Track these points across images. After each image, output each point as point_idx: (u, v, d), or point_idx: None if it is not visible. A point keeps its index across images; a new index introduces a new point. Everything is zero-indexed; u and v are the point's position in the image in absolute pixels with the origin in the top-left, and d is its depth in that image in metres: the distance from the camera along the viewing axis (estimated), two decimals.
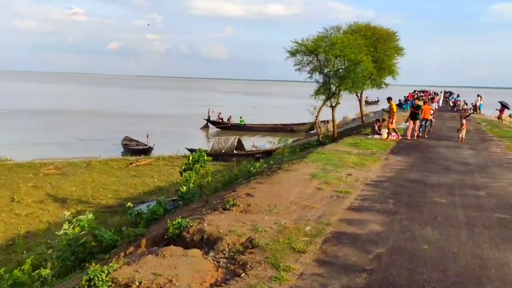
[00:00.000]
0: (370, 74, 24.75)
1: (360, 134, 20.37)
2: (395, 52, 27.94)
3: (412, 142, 17.66)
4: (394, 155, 13.91)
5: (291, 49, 22.33)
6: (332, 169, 10.94)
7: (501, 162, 13.05)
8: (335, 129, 25.38)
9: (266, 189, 8.76)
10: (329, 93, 22.98)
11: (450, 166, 12.08)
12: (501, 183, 10.02)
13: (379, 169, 11.45)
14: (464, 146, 16.67)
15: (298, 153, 18.01)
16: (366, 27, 25.77)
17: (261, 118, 49.07)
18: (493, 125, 27.73)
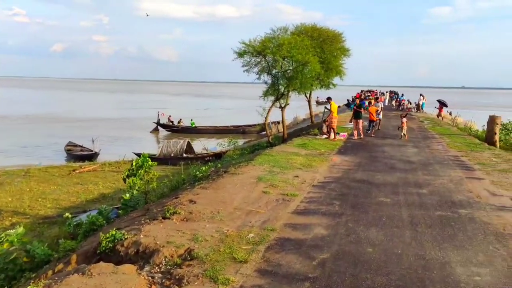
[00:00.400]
0: (318, 74, 24.99)
1: (309, 134, 20.45)
2: (341, 53, 28.41)
3: (359, 141, 17.89)
4: (341, 155, 13.96)
5: (238, 50, 22.15)
6: (279, 171, 10.77)
7: (442, 159, 13.40)
8: (285, 130, 25.43)
9: (210, 194, 8.42)
10: (278, 94, 22.98)
11: (395, 165, 12.24)
12: (442, 180, 10.21)
13: (327, 169, 11.40)
14: (408, 144, 17.07)
15: (247, 155, 17.79)
16: (313, 29, 26.02)
17: (212, 120, 48.61)
18: (435, 123, 28.80)
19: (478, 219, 7.14)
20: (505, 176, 10.82)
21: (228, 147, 27.00)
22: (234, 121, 45.47)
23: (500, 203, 8.18)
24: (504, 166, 12.39)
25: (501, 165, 12.49)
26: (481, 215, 7.37)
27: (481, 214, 7.42)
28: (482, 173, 11.20)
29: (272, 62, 22.17)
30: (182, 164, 22.66)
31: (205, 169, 12.25)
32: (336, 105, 18.43)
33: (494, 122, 19.47)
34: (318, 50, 24.78)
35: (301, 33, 24.78)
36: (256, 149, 22.09)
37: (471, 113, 43.49)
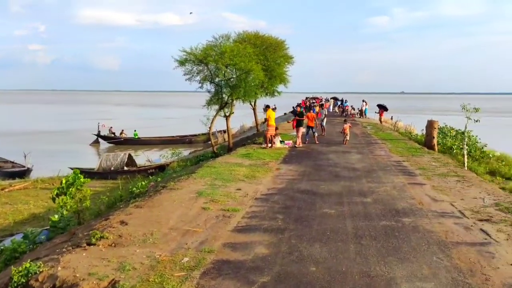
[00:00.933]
0: (262, 82, 24.83)
1: (254, 143, 20.12)
2: (285, 61, 28.50)
3: (304, 149, 17.77)
4: (286, 164, 13.70)
5: (180, 58, 21.52)
6: (221, 184, 10.28)
7: (385, 165, 13.46)
8: (230, 139, 25.00)
9: (144, 214, 7.78)
10: (222, 103, 22.52)
11: (340, 173, 12.11)
12: (385, 187, 10.14)
13: (270, 180, 11.05)
14: (352, 150, 17.15)
15: (190, 167, 17.15)
16: (256, 36, 25.88)
17: (157, 130, 47.34)
18: (377, 128, 29.46)
19: (421, 227, 7.01)
20: (445, 181, 10.96)
21: (172, 159, 26.14)
22: (180, 131, 44.46)
23: (441, 209, 8.14)
24: (442, 170, 12.61)
25: (440, 169, 12.71)
26: (424, 223, 7.25)
27: (424, 222, 7.31)
28: (423, 178, 11.28)
29: (215, 70, 21.69)
30: (124, 178, 21.66)
31: (142, 185, 11.54)
32: (273, 113, 18.21)
33: (432, 126, 20.07)
34: (261, 57, 24.65)
35: (243, 41, 24.56)
36: (200, 160, 21.48)
37: (411, 118, 45.20)
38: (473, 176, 11.79)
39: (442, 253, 5.91)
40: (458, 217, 7.60)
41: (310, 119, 20.38)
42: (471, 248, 6.06)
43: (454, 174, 11.81)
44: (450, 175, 11.74)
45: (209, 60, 20.73)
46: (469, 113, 15.29)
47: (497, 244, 6.18)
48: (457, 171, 12.35)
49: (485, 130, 28.67)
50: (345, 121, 21.14)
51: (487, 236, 6.51)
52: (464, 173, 12.08)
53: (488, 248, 6.05)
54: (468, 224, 7.15)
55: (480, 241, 6.33)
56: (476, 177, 11.55)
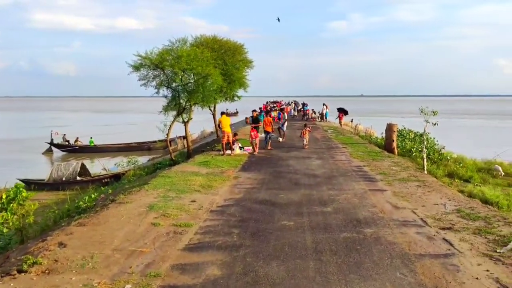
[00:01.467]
0: (221, 87, 24.32)
1: (213, 150, 19.54)
2: (244, 65, 28.08)
3: (264, 155, 17.36)
4: (245, 172, 13.22)
5: (134, 63, 20.68)
6: (175, 196, 9.66)
7: (345, 171, 13.22)
8: (189, 146, 24.33)
9: (87, 233, 7.08)
10: (180, 108, 21.84)
11: (300, 180, 11.74)
12: (346, 195, 9.84)
13: (228, 190, 10.52)
14: (313, 156, 16.88)
15: (144, 176, 16.36)
16: (214, 40, 25.33)
17: (114, 137, 45.81)
18: (338, 132, 29.52)
19: (384, 238, 6.68)
20: (405, 186, 10.79)
21: (128, 167, 25.11)
22: (138, 137, 43.17)
23: (403, 217, 7.88)
24: (403, 174, 12.48)
25: (401, 174, 12.58)
26: (386, 233, 6.93)
27: (386, 232, 6.99)
28: (384, 184, 11.08)
29: (171, 75, 20.99)
30: (76, 188, 20.57)
31: (89, 198, 10.74)
32: (227, 119, 17.68)
33: (392, 129, 20.16)
34: (220, 62, 24.13)
35: (201, 45, 23.96)
36: (158, 168, 20.67)
37: (370, 120, 45.89)
38: (433, 180, 11.70)
39: (406, 267, 5.57)
40: (420, 225, 7.34)
41: (267, 124, 20.02)
42: (435, 260, 5.75)
43: (414, 179, 11.69)
44: (410, 180, 11.60)
45: (165, 65, 20.01)
46: (428, 116, 15.34)
47: (461, 255, 5.91)
48: (418, 176, 12.24)
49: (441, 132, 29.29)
50: (305, 126, 21.02)
51: (450, 246, 6.24)
52: (424, 178, 11.99)
53: (452, 260, 5.76)
54: (430, 233, 6.88)
55: (443, 252, 6.04)
56: (436, 182, 11.46)
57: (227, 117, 17.68)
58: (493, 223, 7.26)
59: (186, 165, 14.42)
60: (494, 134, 49.04)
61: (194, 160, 15.59)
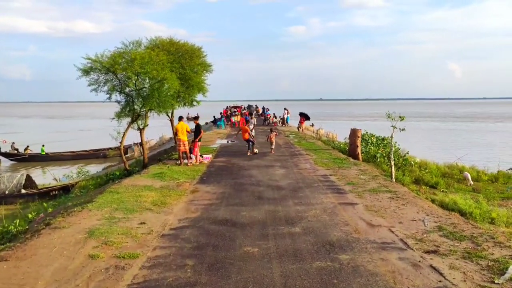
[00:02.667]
0: (178, 92, 23.07)
1: (171, 159, 18.25)
2: (203, 69, 26.91)
3: (224, 164, 16.28)
4: (203, 185, 12.07)
5: (84, 66, 19.13)
6: (122, 217, 8.42)
7: (311, 181, 12.34)
8: (145, 155, 22.86)
9: (6, 271, 5.76)
10: (134, 115, 20.42)
11: (263, 194, 10.73)
12: (315, 211, 8.90)
13: (183, 207, 9.36)
14: (276, 164, 15.96)
15: (93, 190, 14.88)
16: (170, 43, 24.01)
17: (68, 144, 43.42)
18: (300, 137, 28.84)
19: (363, 267, 5.75)
20: (377, 198, 9.99)
21: (78, 178, 23.31)
22: (94, 144, 41.01)
23: (381, 238, 7.00)
24: (372, 184, 11.73)
25: (370, 184, 11.83)
26: (364, 260, 6.01)
27: (364, 259, 6.07)
28: (354, 196, 10.25)
29: (125, 79, 19.56)
30: (20, 202, 18.83)
31: (21, 222, 9.30)
32: (185, 125, 16.47)
33: (356, 135, 19.56)
34: (177, 65, 22.87)
35: (156, 48, 22.63)
36: (110, 178, 19.16)
37: (331, 124, 45.73)
38: (405, 191, 10.98)
39: None
40: (401, 248, 6.48)
41: (244, 131, 18.99)
42: None
43: (385, 190, 10.94)
44: (381, 190, 10.84)
45: (116, 69, 18.56)
46: (395, 121, 14.74)
47: None
48: (388, 186, 11.51)
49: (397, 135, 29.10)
50: (271, 130, 20.57)
51: (440, 277, 5.38)
52: (395, 188, 11.26)
53: None
54: (415, 258, 6.02)
55: (434, 285, 5.17)
56: (408, 193, 10.74)
57: (184, 124, 16.47)
58: (481, 244, 6.49)
59: (138, 178, 13.10)
60: (449, 137, 50.04)
61: (148, 172, 14.28)
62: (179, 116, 17.85)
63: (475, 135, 53.35)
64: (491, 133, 56.80)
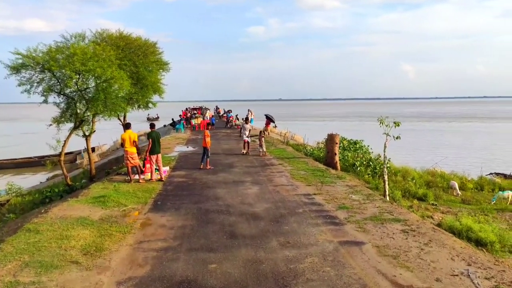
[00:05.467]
0: (130, 93, 20.15)
1: (120, 173, 15.32)
2: (158, 67, 24.03)
3: (184, 180, 13.59)
4: (157, 213, 9.36)
5: (13, 63, 15.94)
6: (32, 280, 5.65)
7: (294, 205, 9.89)
8: (92, 166, 19.77)
9: None
10: (77, 120, 17.37)
11: (237, 227, 8.16)
12: (312, 258, 6.44)
13: (127, 257, 6.66)
14: (247, 178, 13.45)
15: (12, 220, 11.75)
16: (119, 37, 20.99)
17: (9, 151, 39.24)
18: (268, 142, 26.44)
19: None
20: (386, 232, 7.66)
21: (9, 194, 19.83)
22: (39, 150, 36.90)
23: None
24: (371, 209, 9.42)
25: (368, 208, 9.52)
26: None
27: None
28: (355, 229, 7.88)
29: (64, 78, 16.45)
30: None
31: None
32: (134, 134, 13.48)
33: (333, 141, 17.36)
34: (128, 63, 19.93)
35: (103, 42, 19.64)
36: (47, 196, 16.01)
37: (292, 125, 43.69)
38: (415, 219, 8.71)
39: None
40: None
41: (205, 138, 16.27)
42: None
43: (391, 217, 8.64)
44: (386, 219, 8.53)
45: (52, 65, 15.45)
46: (388, 128, 12.56)
47: None
48: (391, 211, 9.22)
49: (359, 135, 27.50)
50: (260, 133, 20.50)
51: None
52: (402, 214, 8.97)
53: None
54: None
55: None
56: (422, 222, 8.46)
57: (132, 133, 13.62)
58: None
59: (73, 204, 10.16)
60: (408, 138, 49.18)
61: (87, 194, 11.34)
62: (126, 123, 14.92)
63: (434, 135, 52.92)
64: (451, 133, 56.77)
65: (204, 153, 16.12)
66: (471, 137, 50.97)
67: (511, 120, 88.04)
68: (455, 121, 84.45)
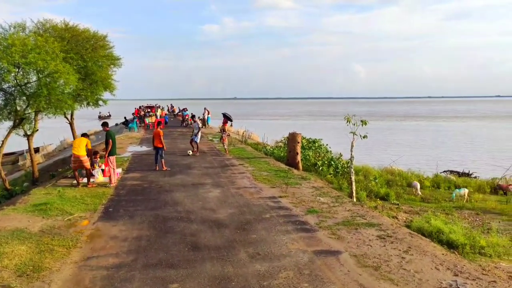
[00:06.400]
0: (78, 89, 18.73)
1: (66, 177, 13.99)
2: (109, 62, 22.63)
3: (139, 182, 12.55)
4: (108, 222, 8.34)
5: None
6: None
7: (260, 209, 9.18)
8: (34, 167, 18.22)
9: None
10: (17, 118, 15.85)
11: (199, 237, 7.31)
12: (286, 272, 5.73)
13: (70, 278, 5.65)
14: (207, 180, 12.61)
15: None
16: (65, 28, 19.47)
17: None
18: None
19: None
20: (361, 239, 7.08)
21: None
22: None
23: None
24: (342, 212, 8.86)
25: (338, 211, 8.96)
26: None
27: None
28: (329, 235, 7.25)
29: (1, 72, 14.92)
30: None
31: None
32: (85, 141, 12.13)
33: (295, 140, 16.82)
34: (75, 56, 18.48)
35: (47, 33, 18.10)
36: None
37: (248, 123, 43.08)
38: (389, 222, 8.23)
39: None
40: None
41: (156, 137, 15.21)
42: None
43: (364, 222, 8.10)
44: (360, 223, 7.98)
45: None
46: (356, 127, 12.12)
47: None
48: (364, 214, 8.69)
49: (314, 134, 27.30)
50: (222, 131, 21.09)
51: None
52: (375, 218, 8.46)
53: None
54: None
55: None
56: (397, 226, 7.97)
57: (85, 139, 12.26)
58: None
59: (8, 214, 8.90)
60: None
61: (26, 201, 10.07)
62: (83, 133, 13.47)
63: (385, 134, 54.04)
64: (401, 132, 58.23)
65: (157, 154, 15.13)
66: (420, 136, 52.40)
67: (454, 119, 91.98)
68: (403, 120, 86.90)
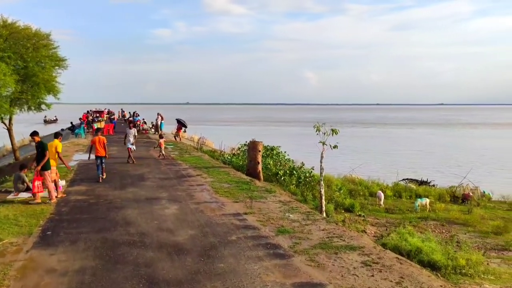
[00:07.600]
0: (16, 92, 16.96)
1: (0, 191, 12.33)
2: (53, 63, 20.85)
3: (85, 197, 11.17)
4: (45, 250, 7.01)
5: None
6: None
7: (225, 230, 8.16)
8: None
9: None
10: None
11: (156, 268, 6.18)
12: None
13: None
14: (162, 194, 11.44)
15: None
16: (2, 25, 17.63)
17: None
18: (181, 148, 24.46)
19: None
20: (344, 266, 6.23)
21: None
22: None
23: None
24: (317, 232, 7.99)
25: (312, 230, 8.09)
26: None
27: None
28: (309, 265, 6.32)
29: None
30: None
31: None
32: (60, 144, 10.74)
33: (256, 148, 15.91)
34: (13, 56, 16.74)
35: None
36: None
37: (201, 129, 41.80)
38: (370, 244, 7.44)
39: None
40: None
41: (99, 145, 13.78)
42: None
43: (343, 244, 7.27)
44: (338, 246, 7.14)
45: None
46: (326, 136, 11.40)
47: None
48: (341, 234, 7.87)
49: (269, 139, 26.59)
50: (160, 136, 20.43)
51: None
52: (354, 239, 7.63)
53: None
54: None
55: None
56: (381, 250, 7.19)
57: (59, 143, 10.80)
58: None
59: None
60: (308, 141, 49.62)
61: None
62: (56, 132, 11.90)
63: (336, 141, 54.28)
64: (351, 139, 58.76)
65: (101, 163, 13.76)
66: (371, 142, 53.07)
67: (402, 125, 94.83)
68: (353, 127, 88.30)
